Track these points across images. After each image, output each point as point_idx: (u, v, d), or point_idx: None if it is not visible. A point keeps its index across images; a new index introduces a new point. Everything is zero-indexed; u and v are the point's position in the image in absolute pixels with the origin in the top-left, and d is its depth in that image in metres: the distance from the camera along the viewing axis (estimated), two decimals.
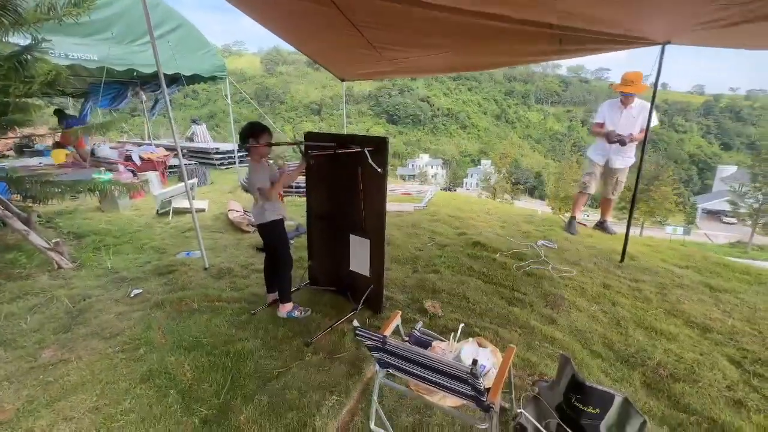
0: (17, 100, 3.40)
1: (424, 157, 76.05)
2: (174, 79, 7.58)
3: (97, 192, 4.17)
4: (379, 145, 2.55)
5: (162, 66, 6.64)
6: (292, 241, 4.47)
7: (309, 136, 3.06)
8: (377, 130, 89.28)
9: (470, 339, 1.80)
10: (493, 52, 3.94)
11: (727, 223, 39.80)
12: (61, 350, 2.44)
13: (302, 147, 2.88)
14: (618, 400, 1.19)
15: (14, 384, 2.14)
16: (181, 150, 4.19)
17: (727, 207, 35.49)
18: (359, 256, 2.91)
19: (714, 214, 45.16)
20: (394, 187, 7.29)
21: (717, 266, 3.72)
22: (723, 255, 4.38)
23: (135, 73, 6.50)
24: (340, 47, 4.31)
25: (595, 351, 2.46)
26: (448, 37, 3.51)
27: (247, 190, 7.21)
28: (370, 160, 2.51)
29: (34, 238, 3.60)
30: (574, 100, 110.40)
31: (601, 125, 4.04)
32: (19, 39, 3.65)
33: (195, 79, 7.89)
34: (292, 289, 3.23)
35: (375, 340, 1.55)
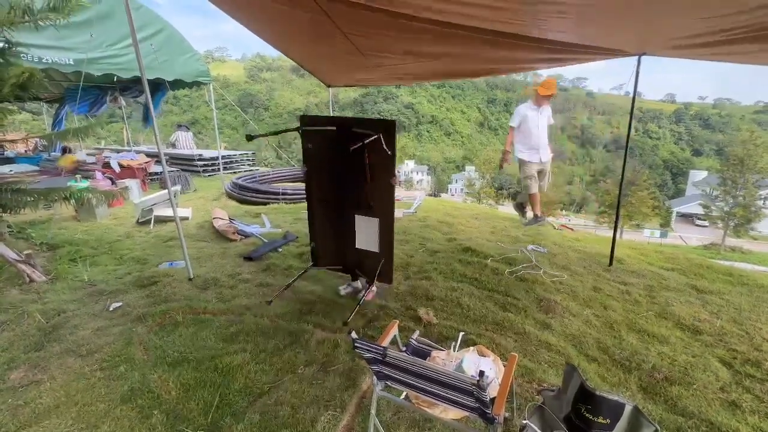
0: None
1: (410, 164, 76.51)
2: (157, 85, 7.38)
3: (73, 200, 3.97)
4: (388, 129, 2.60)
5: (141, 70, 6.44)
6: (280, 249, 4.37)
7: (305, 119, 2.96)
8: None
9: (471, 348, 1.76)
10: (480, 60, 3.99)
11: (700, 226, 41.37)
12: (32, 370, 2.27)
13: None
14: (628, 409, 1.17)
15: None
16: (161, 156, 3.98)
17: (699, 210, 36.95)
18: (366, 235, 2.92)
19: (687, 218, 46.90)
20: None
21: (700, 268, 3.82)
22: (698, 256, 4.51)
23: (115, 78, 6.28)
24: (327, 53, 4.28)
25: (591, 355, 2.46)
26: (436, 46, 3.53)
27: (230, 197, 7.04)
28: (384, 145, 2.56)
29: (4, 250, 3.39)
30: (554, 108, 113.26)
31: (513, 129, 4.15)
32: None
33: (178, 84, 7.71)
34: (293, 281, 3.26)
35: (374, 351, 1.48)
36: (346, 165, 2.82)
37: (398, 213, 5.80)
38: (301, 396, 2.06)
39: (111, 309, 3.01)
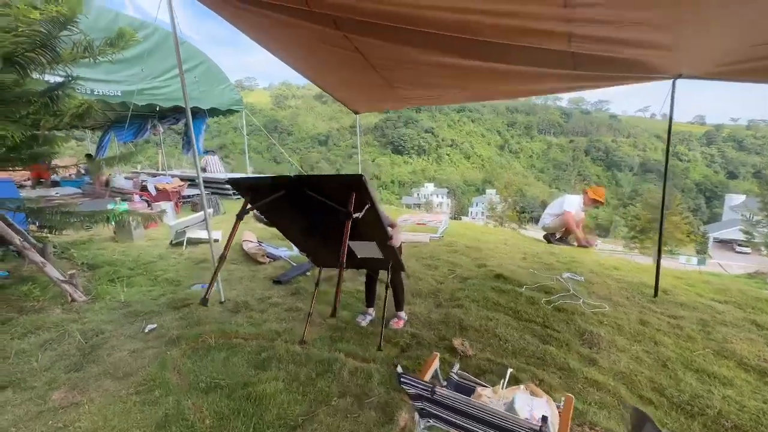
0: (46, 132, 3.46)
1: (429, 186, 76.78)
2: (194, 113, 7.84)
3: (113, 222, 4.15)
4: (358, 187, 1.99)
5: (182, 100, 6.85)
6: (308, 273, 4.37)
7: (239, 186, 2.45)
8: (383, 160, 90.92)
9: (521, 386, 1.65)
10: (507, 85, 4.01)
11: (741, 253, 38.87)
12: (72, 392, 2.30)
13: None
14: None
15: (22, 430, 1.99)
16: (194, 180, 4.09)
17: (739, 236, 34.82)
18: (366, 250, 2.71)
19: (726, 244, 44.24)
20: (408, 216, 7.23)
21: (758, 301, 3.53)
22: (750, 287, 4.17)
23: (157, 108, 6.71)
24: (356, 82, 4.41)
25: (645, 397, 2.26)
26: (463, 77, 3.58)
27: (259, 221, 7.20)
28: (360, 215, 1.99)
29: (50, 270, 3.54)
30: (576, 130, 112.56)
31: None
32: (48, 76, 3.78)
33: (213, 112, 8.13)
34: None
35: (421, 388, 1.41)
36: (320, 219, 2.37)
37: (425, 237, 5.73)
38: (336, 430, 1.97)
39: (146, 331, 3.05)
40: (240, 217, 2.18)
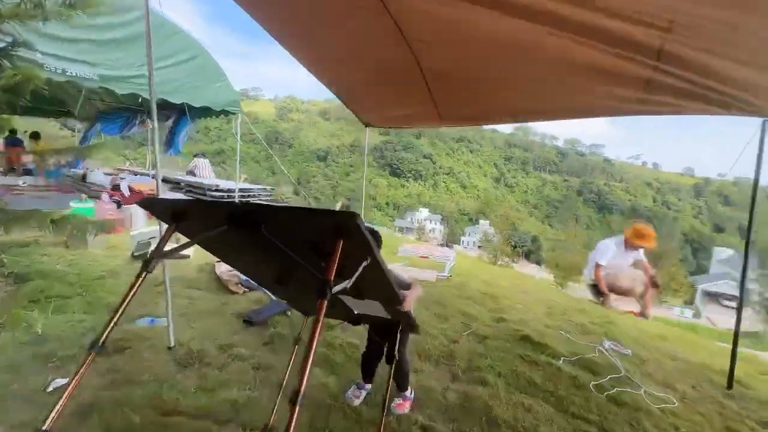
0: None
1: (424, 212, 76.47)
2: (183, 111, 7.11)
3: (52, 227, 3.30)
4: (349, 232, 0.97)
5: (170, 94, 6.06)
6: (289, 313, 3.53)
7: (154, 206, 1.55)
8: (380, 181, 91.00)
9: None
10: (571, 92, 3.30)
11: (728, 307, 38.80)
12: None
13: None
14: None
15: None
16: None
17: (726, 289, 34.80)
18: (365, 306, 1.89)
19: (712, 297, 44.19)
20: (413, 248, 6.45)
21: None
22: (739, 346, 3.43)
23: (140, 99, 5.96)
24: (378, 77, 3.69)
25: None
26: (519, 66, 2.87)
27: None
28: (348, 285, 1.03)
29: None
30: (570, 170, 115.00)
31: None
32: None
33: (206, 112, 7.42)
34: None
35: None
36: (291, 264, 1.30)
37: (431, 275, 4.95)
38: None
39: (50, 389, 2.17)
40: (147, 267, 1.12)
